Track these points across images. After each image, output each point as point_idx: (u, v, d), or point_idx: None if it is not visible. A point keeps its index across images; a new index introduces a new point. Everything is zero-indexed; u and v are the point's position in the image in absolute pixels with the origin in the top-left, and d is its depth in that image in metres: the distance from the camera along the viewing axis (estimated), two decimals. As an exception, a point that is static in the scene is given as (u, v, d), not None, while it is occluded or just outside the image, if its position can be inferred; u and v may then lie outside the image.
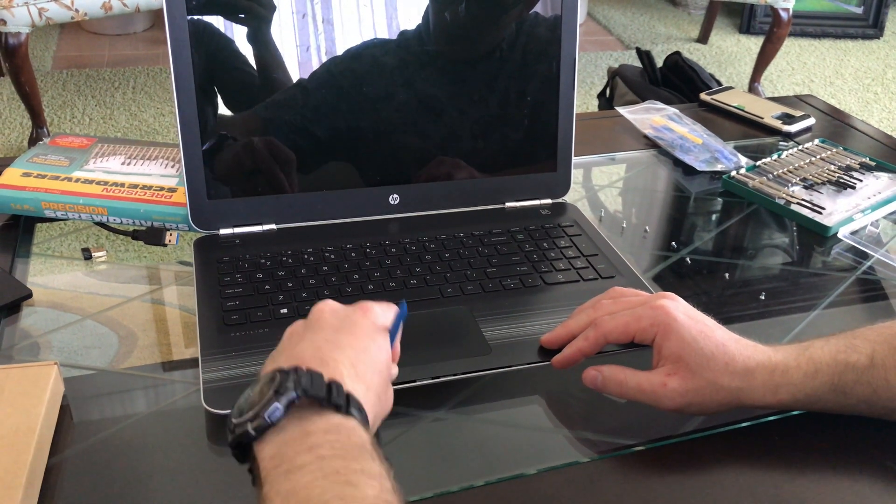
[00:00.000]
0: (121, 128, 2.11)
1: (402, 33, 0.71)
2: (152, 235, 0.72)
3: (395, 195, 0.74)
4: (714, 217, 0.86)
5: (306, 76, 0.70)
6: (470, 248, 0.71)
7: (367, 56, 0.71)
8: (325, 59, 0.70)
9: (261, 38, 0.68)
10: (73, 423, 0.55)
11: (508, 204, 0.78)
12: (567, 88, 0.76)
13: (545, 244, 0.72)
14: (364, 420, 0.42)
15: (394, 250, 0.70)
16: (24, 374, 0.52)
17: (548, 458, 0.52)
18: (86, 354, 0.61)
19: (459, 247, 0.71)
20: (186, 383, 0.58)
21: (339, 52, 0.70)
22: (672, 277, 0.74)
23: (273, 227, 0.72)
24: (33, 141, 1.96)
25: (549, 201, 0.79)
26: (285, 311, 0.62)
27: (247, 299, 0.62)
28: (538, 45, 0.74)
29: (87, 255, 0.71)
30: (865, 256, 0.78)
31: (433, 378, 0.56)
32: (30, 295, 0.64)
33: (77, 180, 0.74)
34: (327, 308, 0.49)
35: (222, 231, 0.70)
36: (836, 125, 1.08)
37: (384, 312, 0.50)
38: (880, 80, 2.82)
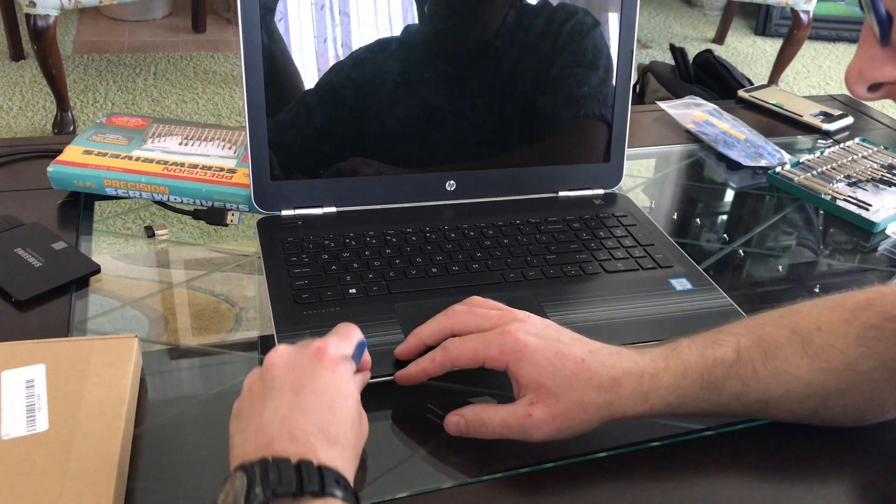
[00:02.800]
0: (144, 114, 2.12)
1: (461, 21, 0.71)
2: (214, 215, 0.73)
3: (452, 181, 0.75)
4: (762, 211, 0.87)
5: (368, 61, 0.70)
6: (528, 235, 0.71)
7: (426, 43, 0.71)
8: (386, 44, 0.70)
9: (325, 24, 0.69)
10: (148, 396, 0.55)
11: (562, 193, 0.78)
12: (624, 79, 0.77)
13: (601, 233, 0.73)
14: (345, 487, 0.40)
15: (453, 235, 0.70)
16: (108, 346, 0.53)
17: (618, 440, 0.53)
18: (153, 330, 0.62)
19: (517, 233, 0.72)
20: (259, 360, 0.59)
21: (401, 37, 0.71)
22: (726, 270, 0.75)
23: (333, 209, 0.72)
24: (58, 124, 1.97)
25: (601, 191, 0.79)
26: (354, 291, 0.62)
27: (315, 279, 0.63)
28: (598, 35, 0.75)
29: (150, 232, 0.72)
30: (912, 253, 0.79)
31: None
32: (98, 270, 0.65)
33: (137, 159, 0.75)
34: (280, 362, 0.45)
35: (284, 212, 0.71)
36: (872, 125, 1.09)
37: (341, 348, 0.47)
38: (895, 85, 2.83)
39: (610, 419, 0.50)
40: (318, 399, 0.43)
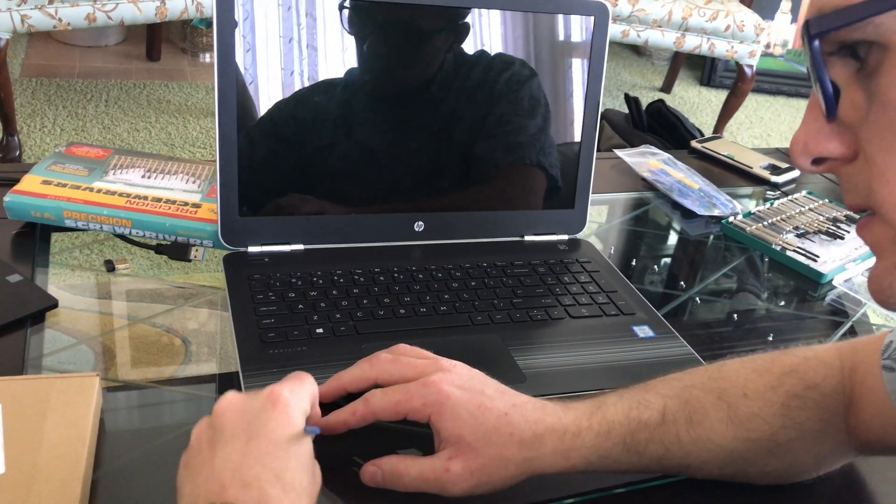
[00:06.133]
0: (94, 141, 2.07)
1: (435, 65, 0.73)
2: (177, 250, 0.71)
3: (421, 222, 0.76)
4: (716, 260, 0.90)
5: (343, 100, 0.71)
6: (494, 279, 0.72)
7: (398, 84, 0.72)
8: (360, 84, 0.71)
9: (299, 62, 0.69)
10: (107, 435, 0.54)
11: (527, 237, 0.80)
12: (589, 129, 0.79)
13: (566, 278, 0.74)
14: None
15: (421, 276, 0.71)
16: (68, 385, 0.51)
17: (581, 486, 0.53)
18: (112, 368, 0.60)
19: (484, 276, 0.72)
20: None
21: (374, 78, 0.71)
22: (682, 316, 0.77)
23: (300, 247, 0.72)
24: (3, 148, 1.91)
25: (565, 237, 0.81)
26: (321, 330, 0.62)
27: (282, 317, 0.63)
28: (565, 87, 0.77)
29: (109, 266, 0.70)
30: (857, 303, 0.82)
31: None
32: (56, 304, 0.63)
33: (98, 191, 0.74)
34: (231, 409, 0.44)
35: (251, 249, 0.70)
36: (816, 178, 1.14)
37: (294, 394, 0.46)
38: (831, 139, 2.97)
39: (530, 475, 0.49)
40: (272, 445, 0.42)
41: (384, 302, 0.67)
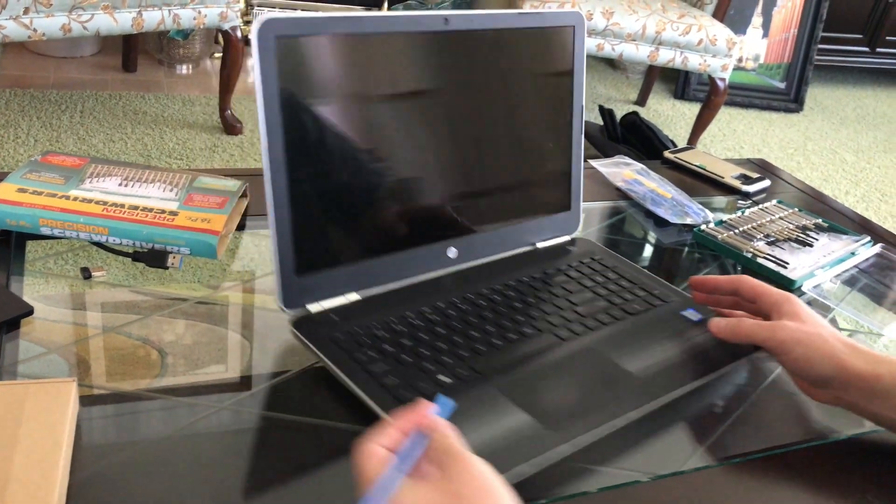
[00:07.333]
0: (69, 151, 2.06)
1: (438, 97, 0.70)
2: (155, 258, 0.71)
3: (453, 248, 0.73)
4: (688, 267, 0.91)
5: (380, 142, 0.68)
6: (542, 291, 0.72)
7: (422, 116, 0.70)
8: (392, 113, 0.68)
9: (344, 112, 0.65)
10: (83, 442, 0.53)
11: (539, 244, 0.81)
12: (577, 133, 0.81)
13: (598, 278, 0.75)
14: None
15: (483, 302, 0.69)
16: (44, 390, 0.51)
17: (561, 490, 0.54)
18: (88, 375, 0.60)
19: (531, 290, 0.72)
20: (205, 406, 0.58)
21: (406, 105, 0.68)
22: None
23: (356, 295, 0.67)
24: (-25, 159, 1.89)
25: (566, 237, 0.83)
26: (442, 377, 0.59)
27: (398, 372, 0.59)
28: (555, 97, 0.79)
29: (86, 274, 0.70)
30: (826, 309, 0.84)
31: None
32: (31, 311, 0.63)
33: (75, 199, 0.74)
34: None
35: (311, 307, 0.65)
36: (786, 187, 1.16)
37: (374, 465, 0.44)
38: (801, 151, 3.03)
39: (840, 369, 0.58)
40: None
41: (474, 336, 0.64)
